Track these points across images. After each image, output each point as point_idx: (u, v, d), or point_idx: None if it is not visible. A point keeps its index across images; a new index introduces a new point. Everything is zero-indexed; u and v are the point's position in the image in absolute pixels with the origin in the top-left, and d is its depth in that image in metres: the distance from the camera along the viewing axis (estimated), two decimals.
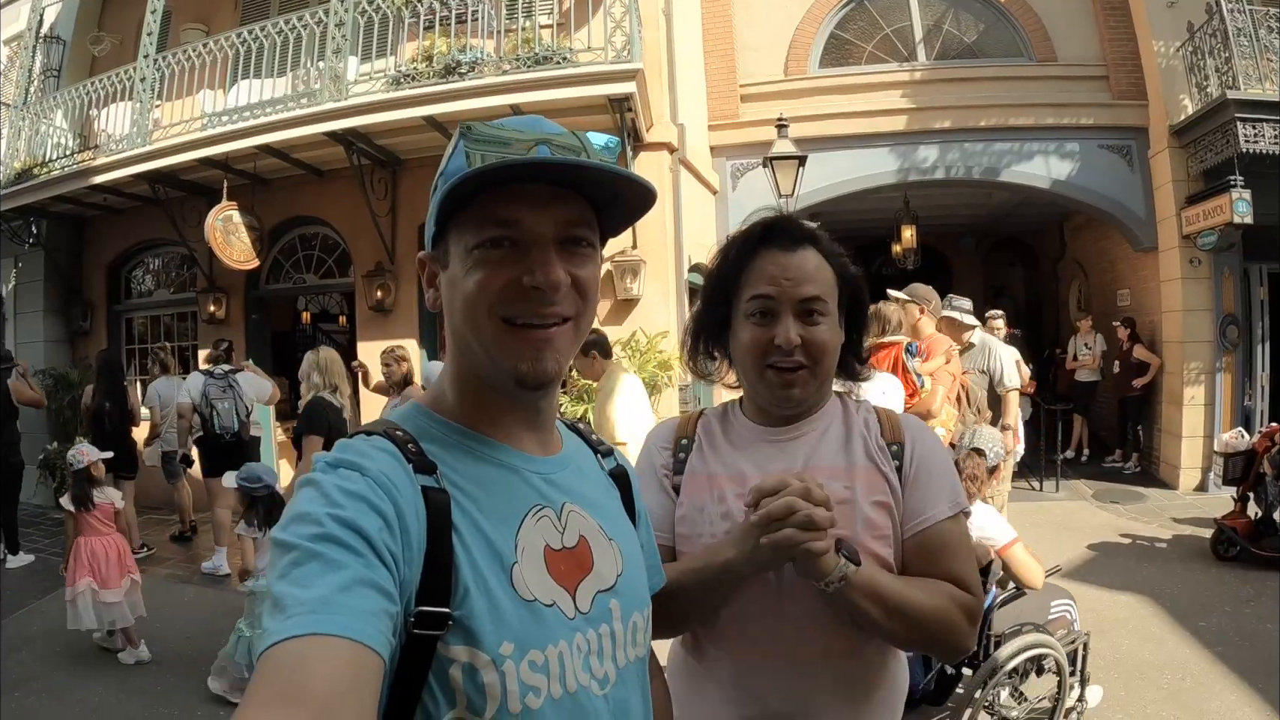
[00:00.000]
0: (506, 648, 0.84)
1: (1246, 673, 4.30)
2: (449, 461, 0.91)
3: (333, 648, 0.66)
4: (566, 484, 1.01)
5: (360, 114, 7.04)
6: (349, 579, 0.71)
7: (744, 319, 1.44)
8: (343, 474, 0.81)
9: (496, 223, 0.91)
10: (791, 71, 9.73)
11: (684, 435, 1.56)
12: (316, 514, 0.75)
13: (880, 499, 1.41)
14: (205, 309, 9.08)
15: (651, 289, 7.36)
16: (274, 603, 0.70)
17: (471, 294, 0.91)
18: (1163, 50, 8.65)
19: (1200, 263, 8.46)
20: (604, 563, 1.00)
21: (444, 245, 0.96)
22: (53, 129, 9.27)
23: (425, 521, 0.83)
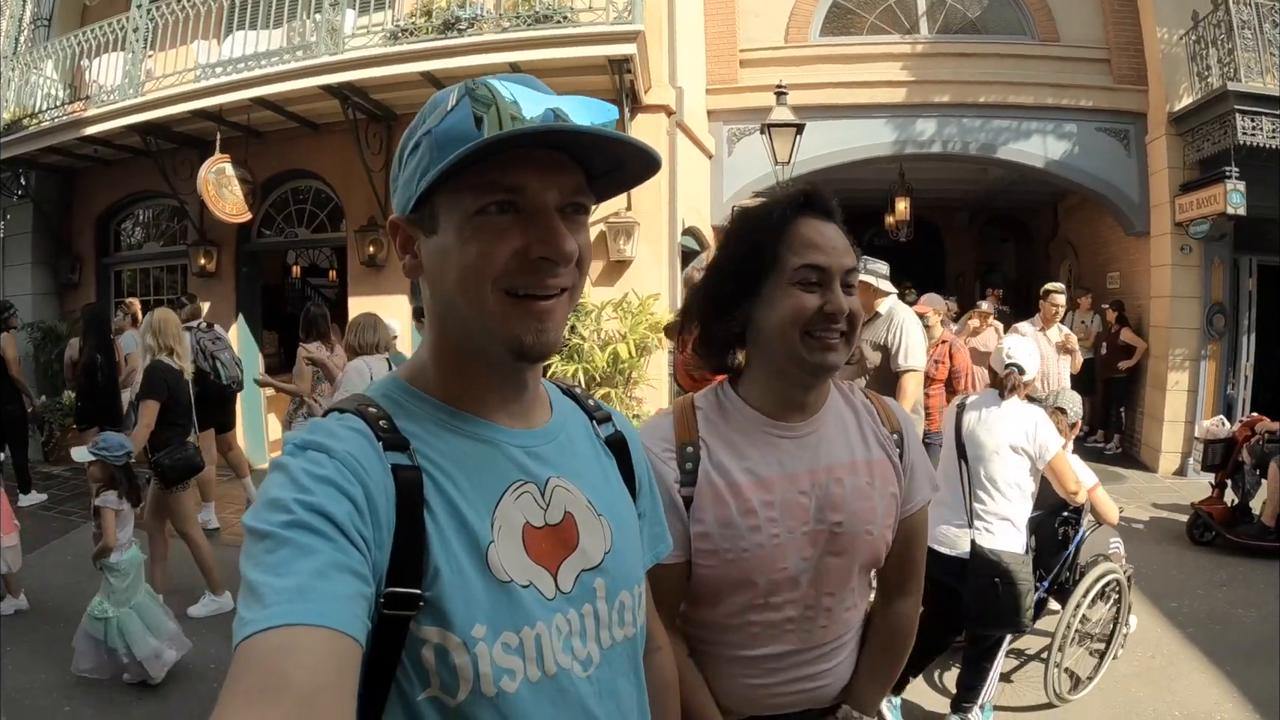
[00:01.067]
0: (479, 630, 0.83)
1: (1215, 655, 4.39)
2: (424, 437, 0.89)
3: (313, 638, 0.66)
4: (553, 457, 0.98)
5: (356, 68, 6.96)
6: (323, 564, 0.71)
7: (788, 287, 1.38)
8: (310, 456, 0.80)
9: (501, 188, 0.86)
10: (792, 38, 9.65)
11: (686, 440, 1.45)
12: (285, 500, 0.74)
13: (892, 490, 1.50)
14: (195, 262, 9.00)
15: (644, 251, 7.35)
16: (249, 591, 0.69)
17: (472, 264, 0.86)
18: (1166, 37, 8.63)
19: (1191, 250, 8.51)
20: (590, 540, 0.97)
21: (429, 209, 0.89)
22: (43, 79, 9.16)
23: (395, 501, 0.82)
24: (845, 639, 1.51)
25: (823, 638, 1.46)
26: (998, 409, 3.44)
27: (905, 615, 1.60)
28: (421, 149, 0.88)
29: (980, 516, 3.34)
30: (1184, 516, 6.54)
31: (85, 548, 5.92)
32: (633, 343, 6.72)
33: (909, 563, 1.57)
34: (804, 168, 8.75)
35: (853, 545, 1.44)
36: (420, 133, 0.88)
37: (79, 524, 6.79)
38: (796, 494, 1.42)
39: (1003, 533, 3.32)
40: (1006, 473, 3.35)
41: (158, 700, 4.03)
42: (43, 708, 3.97)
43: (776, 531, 1.40)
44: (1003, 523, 3.33)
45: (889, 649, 1.57)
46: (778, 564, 1.40)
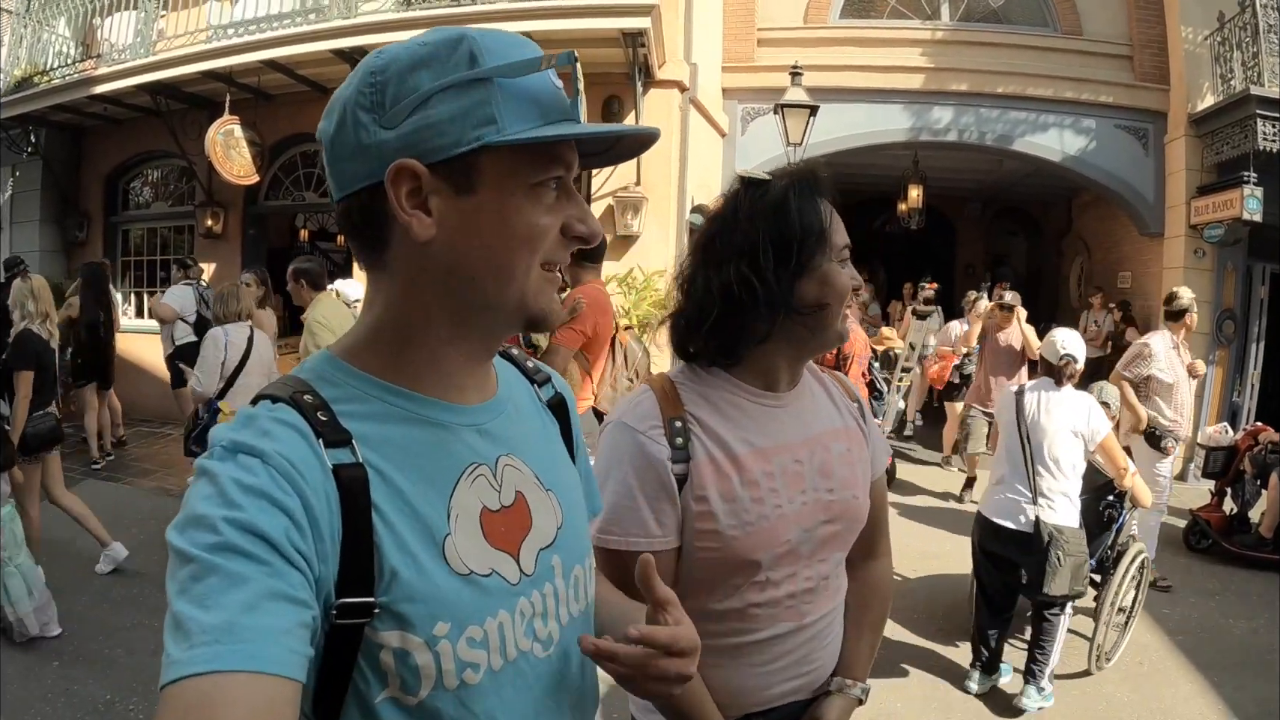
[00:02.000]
0: (441, 628, 0.79)
1: (1203, 664, 4.35)
2: (369, 427, 0.81)
3: (243, 685, 0.61)
4: (502, 432, 0.93)
5: (368, 33, 6.91)
6: (254, 595, 0.65)
7: (834, 264, 1.38)
8: (241, 462, 0.72)
9: (564, 164, 0.85)
10: (811, 19, 9.56)
11: (673, 414, 1.38)
12: (213, 518, 0.68)
13: (863, 454, 1.54)
14: (203, 223, 9.00)
15: (652, 226, 7.31)
16: (175, 623, 0.64)
17: (525, 235, 0.83)
18: (1190, 37, 8.54)
19: (1204, 254, 8.44)
20: (542, 517, 0.94)
21: (467, 164, 0.80)
22: (55, 37, 9.15)
23: (339, 506, 0.75)
24: (833, 614, 1.51)
25: (816, 612, 1.45)
26: (1056, 395, 3.82)
27: (883, 576, 1.66)
28: (475, 95, 0.78)
29: (1043, 494, 3.69)
30: (1182, 522, 6.50)
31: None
32: (636, 319, 6.69)
33: (876, 524, 1.61)
34: (817, 150, 8.69)
35: (844, 512, 1.46)
36: (462, 74, 0.78)
37: (79, 480, 6.81)
38: (793, 462, 1.41)
39: (1062, 508, 3.69)
40: (1066, 454, 3.71)
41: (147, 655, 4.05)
42: (30, 664, 3.98)
43: (779, 503, 1.38)
44: (1063, 499, 3.70)
45: (871, 609, 1.61)
46: (781, 537, 1.38)
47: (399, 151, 0.79)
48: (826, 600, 1.48)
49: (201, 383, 4.85)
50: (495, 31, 0.83)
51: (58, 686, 3.77)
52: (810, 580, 1.43)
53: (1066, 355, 3.84)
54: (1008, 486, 3.79)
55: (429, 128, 0.78)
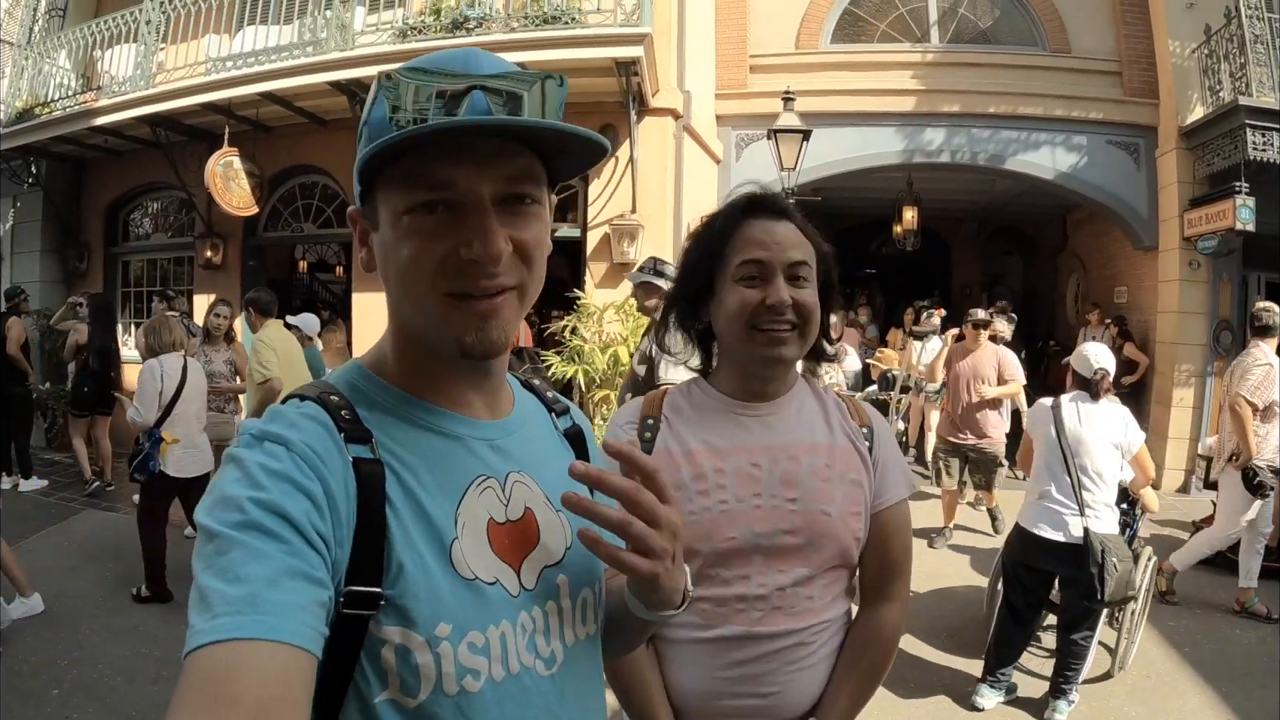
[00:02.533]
0: (443, 629, 0.80)
1: (1211, 676, 4.33)
2: (387, 430, 0.85)
3: (263, 653, 0.63)
4: (514, 451, 0.95)
5: (365, 65, 6.97)
6: (276, 570, 0.68)
7: (732, 284, 1.46)
8: (267, 449, 0.76)
9: (428, 185, 0.81)
10: (803, 45, 9.65)
11: (649, 414, 1.55)
12: (238, 498, 0.71)
13: (855, 477, 1.50)
14: (202, 254, 9.05)
15: (648, 254, 7.29)
16: (200, 596, 0.67)
17: (407, 266, 0.83)
18: (1178, 51, 8.61)
19: (1199, 266, 8.46)
20: (551, 536, 0.95)
21: (372, 203, 0.86)
22: (56, 69, 9.22)
23: (356, 496, 0.79)
24: (804, 638, 1.46)
25: (773, 625, 1.43)
26: (1094, 407, 3.89)
27: (885, 623, 1.54)
28: (362, 141, 0.85)
29: (1089, 505, 3.74)
30: (1186, 534, 6.46)
31: (85, 533, 6.03)
32: (634, 345, 6.70)
33: (888, 564, 1.55)
34: (812, 174, 8.76)
35: (809, 525, 1.44)
36: (361, 123, 0.86)
37: (78, 510, 6.84)
38: (748, 465, 1.45)
39: (1106, 518, 3.77)
40: (1107, 465, 3.79)
41: (148, 684, 4.03)
42: (30, 691, 3.97)
43: (725, 499, 1.44)
44: (1105, 509, 3.78)
45: (864, 654, 1.51)
46: (725, 532, 1.42)
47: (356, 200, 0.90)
48: (789, 618, 1.44)
49: (141, 413, 4.98)
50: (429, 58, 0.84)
51: (58, 714, 3.77)
52: (764, 588, 1.43)
53: (1101, 368, 3.91)
54: (1050, 500, 3.82)
55: (354, 181, 0.88)
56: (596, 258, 7.44)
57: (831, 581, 1.49)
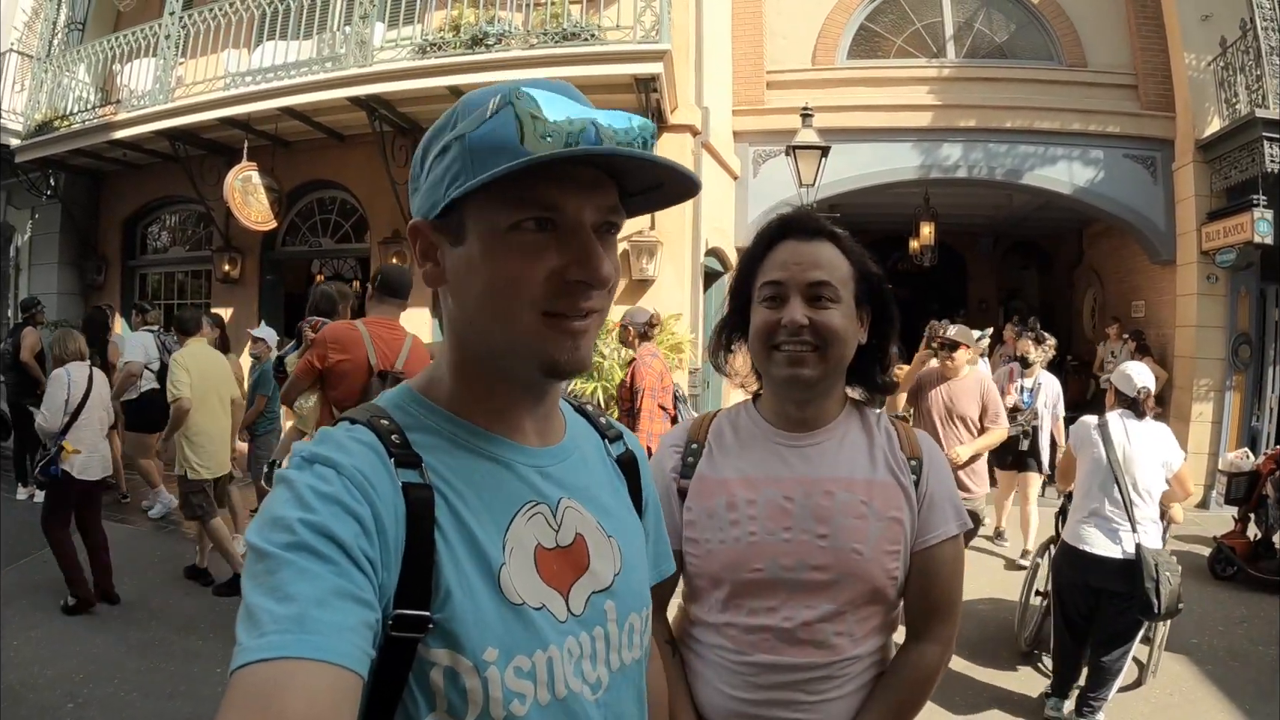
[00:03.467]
0: (490, 653, 0.80)
1: (1235, 693, 4.29)
2: (437, 454, 0.86)
3: (309, 673, 0.64)
4: (565, 477, 0.96)
5: (384, 80, 7.03)
6: (324, 591, 0.68)
7: (757, 305, 1.48)
8: (317, 472, 0.76)
9: (539, 205, 0.82)
10: (819, 61, 9.67)
11: (695, 439, 1.57)
12: (289, 519, 0.71)
13: (895, 514, 1.45)
14: (220, 268, 9.11)
15: (667, 271, 7.36)
16: (248, 614, 0.67)
17: (505, 282, 0.83)
18: (1194, 63, 8.58)
19: (1217, 279, 8.41)
20: (601, 562, 0.95)
21: (455, 218, 0.85)
22: (75, 82, 9.30)
23: (405, 521, 0.79)
24: (835, 672, 1.42)
25: (799, 657, 1.41)
26: (1140, 426, 3.94)
27: (922, 663, 1.48)
28: (452, 153, 0.83)
29: (1140, 521, 3.79)
30: (1206, 550, 6.44)
31: None
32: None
33: (932, 603, 1.49)
34: (829, 190, 8.76)
35: (839, 562, 1.41)
36: (450, 135, 0.84)
37: None
38: (780, 498, 1.44)
39: (1153, 533, 3.83)
40: (1154, 483, 3.87)
41: (163, 699, 4.04)
42: (45, 704, 3.98)
43: (754, 530, 1.43)
44: (1152, 524, 3.85)
45: (897, 693, 1.46)
46: (750, 563, 1.42)
47: (417, 211, 0.89)
48: (817, 651, 1.42)
49: (47, 419, 5.06)
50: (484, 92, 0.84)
51: None
52: (790, 621, 1.41)
53: (1144, 387, 3.98)
54: (1102, 517, 3.86)
55: (429, 190, 0.86)
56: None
57: (864, 618, 1.44)
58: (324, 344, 3.95)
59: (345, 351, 3.93)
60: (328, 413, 4.02)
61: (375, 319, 4.12)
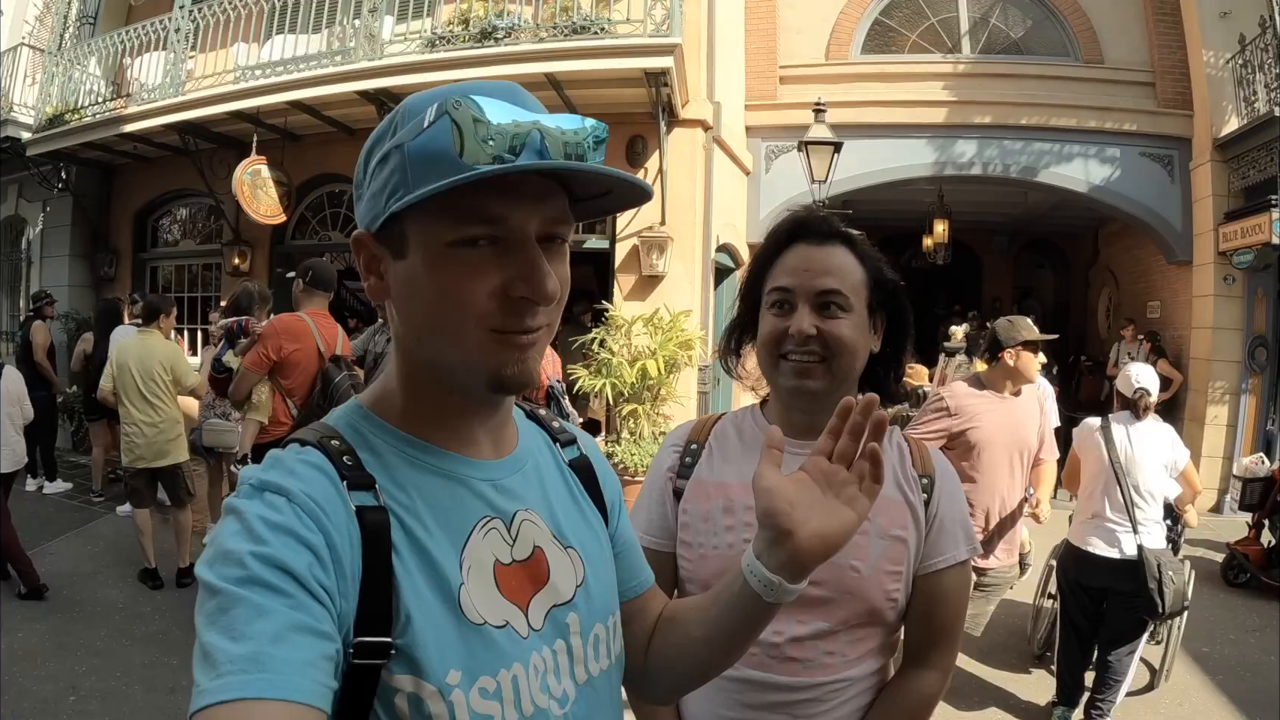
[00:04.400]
0: (454, 676, 0.79)
1: (1245, 704, 4.25)
2: (390, 474, 0.84)
3: (269, 713, 0.63)
4: (519, 489, 0.94)
5: (394, 74, 6.98)
6: (280, 627, 0.67)
7: (765, 311, 1.44)
8: (268, 499, 0.74)
9: (480, 218, 0.79)
10: (833, 56, 9.63)
11: (695, 439, 1.54)
12: (239, 553, 0.70)
13: (899, 534, 1.40)
14: (230, 261, 9.12)
15: (677, 267, 7.32)
16: (203, 653, 0.66)
17: (448, 299, 0.80)
18: (1212, 61, 8.51)
19: (1234, 281, 8.33)
20: (560, 574, 0.93)
21: (397, 230, 0.82)
22: (86, 76, 9.31)
23: (360, 546, 0.77)
24: (823, 695, 1.38)
25: (788, 675, 1.37)
26: (1142, 427, 3.97)
27: (920, 691, 1.43)
28: (392, 163, 0.80)
29: (1142, 522, 3.84)
30: (1219, 556, 6.37)
31: (107, 538, 6.07)
32: (662, 359, 6.66)
33: (934, 630, 1.44)
34: (842, 187, 8.70)
35: (835, 579, 1.36)
36: (390, 144, 0.80)
37: (102, 514, 6.88)
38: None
39: (1156, 534, 3.88)
40: (1157, 484, 3.91)
41: (164, 693, 4.05)
42: (47, 697, 4.00)
43: (748, 537, 1.34)
44: (1156, 525, 3.89)
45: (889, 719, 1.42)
46: None
47: (360, 221, 0.86)
48: (806, 670, 1.38)
49: None
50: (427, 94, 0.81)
51: None
52: (779, 636, 1.37)
53: (1140, 389, 3.98)
54: (1104, 519, 3.91)
55: (370, 200, 0.83)
56: (625, 270, 7.40)
57: (858, 639, 1.40)
58: (276, 336, 4.25)
59: (297, 341, 4.26)
60: (281, 402, 4.32)
61: (312, 310, 4.43)
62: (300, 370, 4.26)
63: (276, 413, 4.32)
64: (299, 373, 4.26)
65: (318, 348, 4.29)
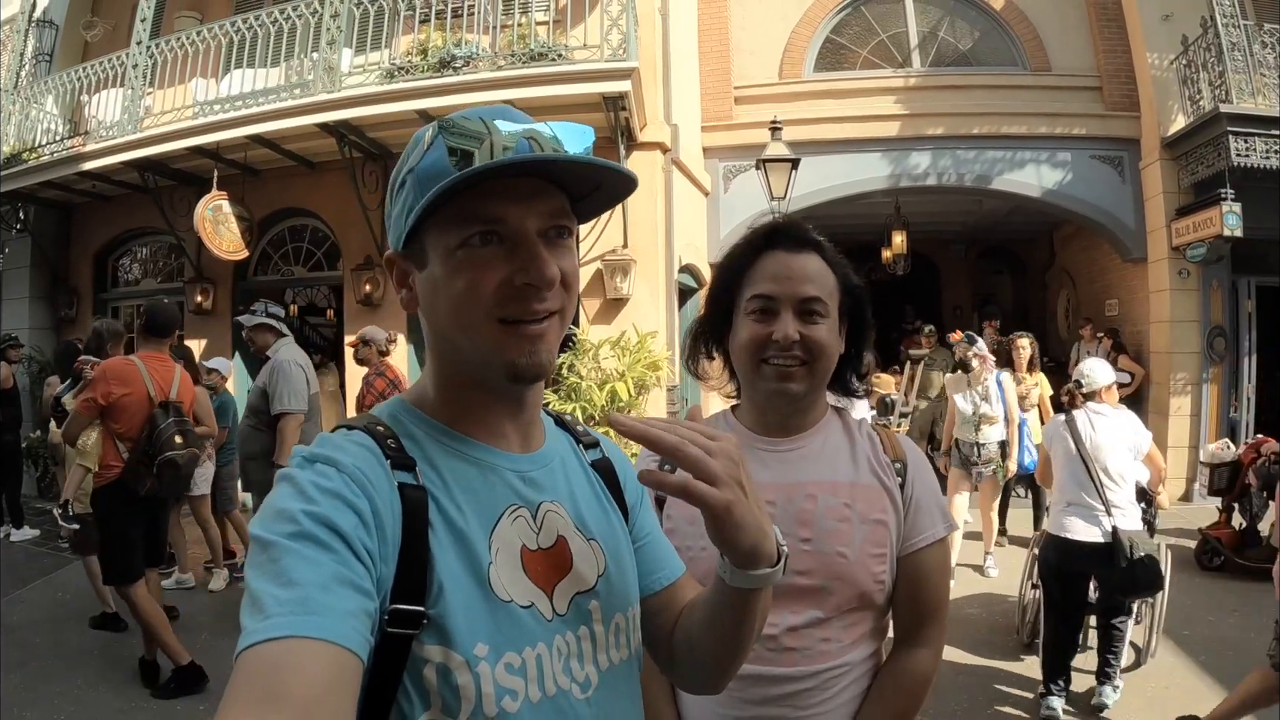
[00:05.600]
0: (481, 649, 0.83)
1: (1230, 681, 4.25)
2: (428, 459, 0.90)
3: (313, 651, 0.66)
4: (546, 482, 0.99)
5: (353, 106, 6.99)
6: (327, 577, 0.71)
7: (744, 317, 1.46)
8: (319, 469, 0.80)
9: (481, 220, 0.87)
10: (786, 75, 9.75)
11: None
12: (292, 511, 0.75)
13: (880, 517, 1.45)
14: (192, 300, 8.99)
15: (641, 289, 7.35)
16: (252, 600, 0.69)
17: (462, 296, 0.88)
18: (1157, 63, 8.72)
19: (1189, 274, 8.53)
20: (583, 564, 0.98)
21: (418, 244, 0.91)
22: (43, 114, 9.22)
23: (401, 519, 0.82)
24: (823, 682, 1.41)
25: (785, 666, 1.40)
26: (1104, 416, 4.18)
27: (914, 669, 1.48)
28: (407, 187, 0.90)
29: (1114, 504, 4.01)
30: (1192, 542, 6.48)
31: (75, 585, 5.96)
32: (630, 381, 6.69)
33: (921, 608, 1.49)
34: (800, 203, 8.79)
35: (823, 567, 1.40)
36: (405, 170, 0.91)
37: (70, 561, 6.73)
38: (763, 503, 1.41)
39: (1131, 515, 4.05)
40: (1125, 466, 4.10)
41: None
42: None
43: None
44: (1129, 506, 4.07)
45: (890, 703, 1.45)
46: None
47: (391, 243, 0.96)
48: (804, 660, 1.41)
49: None
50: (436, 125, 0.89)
51: None
52: (775, 628, 1.39)
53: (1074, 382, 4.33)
54: (1080, 505, 4.08)
55: (395, 222, 0.93)
56: (590, 294, 7.40)
57: (852, 624, 1.44)
58: (105, 380, 4.23)
59: (126, 385, 4.26)
60: (111, 445, 4.28)
61: (146, 353, 4.42)
62: (129, 415, 4.25)
63: (107, 456, 4.30)
64: (128, 417, 4.25)
65: (148, 392, 4.30)
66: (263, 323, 5.26)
